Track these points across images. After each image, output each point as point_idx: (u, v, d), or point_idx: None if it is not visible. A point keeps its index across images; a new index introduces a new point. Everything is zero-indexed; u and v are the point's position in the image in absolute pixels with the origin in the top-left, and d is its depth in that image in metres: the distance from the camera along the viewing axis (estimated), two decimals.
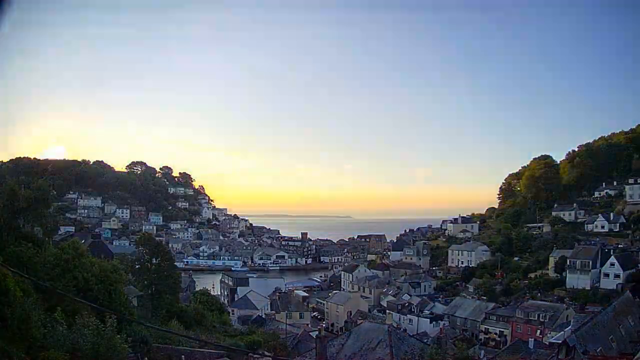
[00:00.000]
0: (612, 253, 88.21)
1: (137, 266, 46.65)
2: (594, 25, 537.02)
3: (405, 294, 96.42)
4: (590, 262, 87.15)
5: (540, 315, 68.88)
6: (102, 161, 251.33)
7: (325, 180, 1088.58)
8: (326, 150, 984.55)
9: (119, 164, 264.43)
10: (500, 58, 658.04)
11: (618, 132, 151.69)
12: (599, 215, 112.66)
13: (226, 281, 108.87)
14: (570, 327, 42.33)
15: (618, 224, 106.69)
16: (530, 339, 55.24)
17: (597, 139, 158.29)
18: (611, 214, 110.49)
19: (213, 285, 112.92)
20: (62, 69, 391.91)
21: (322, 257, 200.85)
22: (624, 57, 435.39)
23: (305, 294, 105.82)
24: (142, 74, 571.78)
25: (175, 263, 66.45)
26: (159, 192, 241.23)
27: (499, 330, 73.57)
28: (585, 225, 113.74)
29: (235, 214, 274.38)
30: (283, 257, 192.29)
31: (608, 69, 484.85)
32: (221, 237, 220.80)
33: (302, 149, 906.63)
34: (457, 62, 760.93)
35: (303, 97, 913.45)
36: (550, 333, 60.10)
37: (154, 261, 45.56)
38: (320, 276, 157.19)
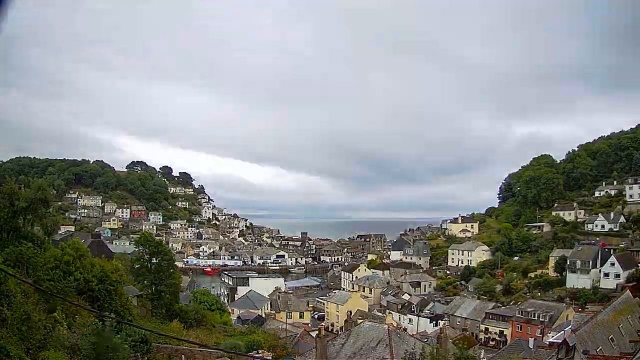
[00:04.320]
0: (612, 253, 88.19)
1: (137, 266, 46.57)
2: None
3: (406, 294, 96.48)
4: (591, 262, 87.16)
5: (541, 315, 68.86)
6: (102, 161, 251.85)
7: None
8: None
9: (119, 164, 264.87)
10: None
11: (618, 132, 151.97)
12: (599, 215, 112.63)
13: (226, 281, 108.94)
14: (570, 327, 42.28)
15: (618, 224, 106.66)
16: (530, 339, 55.17)
17: (597, 139, 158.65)
18: (611, 214, 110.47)
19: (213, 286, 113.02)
20: None
21: (322, 257, 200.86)
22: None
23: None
24: None
25: (176, 263, 66.43)
26: (159, 192, 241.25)
27: (499, 330, 73.56)
28: (586, 225, 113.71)
29: (235, 214, 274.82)
30: (283, 256, 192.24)
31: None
32: (221, 237, 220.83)
33: None
34: None
35: None
36: (550, 333, 60.08)
37: (154, 261, 45.47)
38: (321, 276, 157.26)
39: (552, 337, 53.39)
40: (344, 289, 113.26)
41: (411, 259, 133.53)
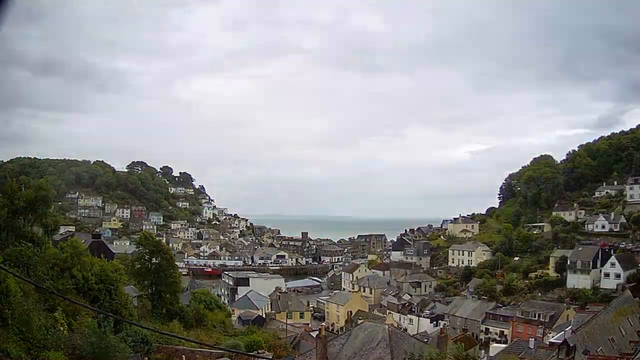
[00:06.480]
0: (612, 253, 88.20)
1: (137, 266, 46.53)
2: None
3: (406, 294, 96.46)
4: (591, 262, 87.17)
5: (541, 315, 68.93)
6: (102, 161, 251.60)
7: None
8: None
9: (119, 164, 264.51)
10: None
11: (618, 132, 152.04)
12: (599, 215, 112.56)
13: (226, 281, 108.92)
14: (570, 327, 42.28)
15: (618, 224, 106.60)
16: (530, 339, 55.19)
17: (597, 138, 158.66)
18: (611, 214, 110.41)
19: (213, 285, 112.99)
20: None
21: (322, 257, 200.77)
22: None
23: None
24: None
25: (176, 263, 66.39)
26: (159, 192, 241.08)
27: (500, 330, 73.57)
28: (586, 225, 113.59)
29: (235, 214, 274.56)
30: (283, 256, 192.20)
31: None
32: (221, 237, 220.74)
33: None
34: None
35: None
36: (550, 333, 60.12)
37: (154, 261, 45.45)
38: (321, 276, 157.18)
39: (552, 337, 53.35)
40: (344, 289, 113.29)
41: (411, 259, 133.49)
